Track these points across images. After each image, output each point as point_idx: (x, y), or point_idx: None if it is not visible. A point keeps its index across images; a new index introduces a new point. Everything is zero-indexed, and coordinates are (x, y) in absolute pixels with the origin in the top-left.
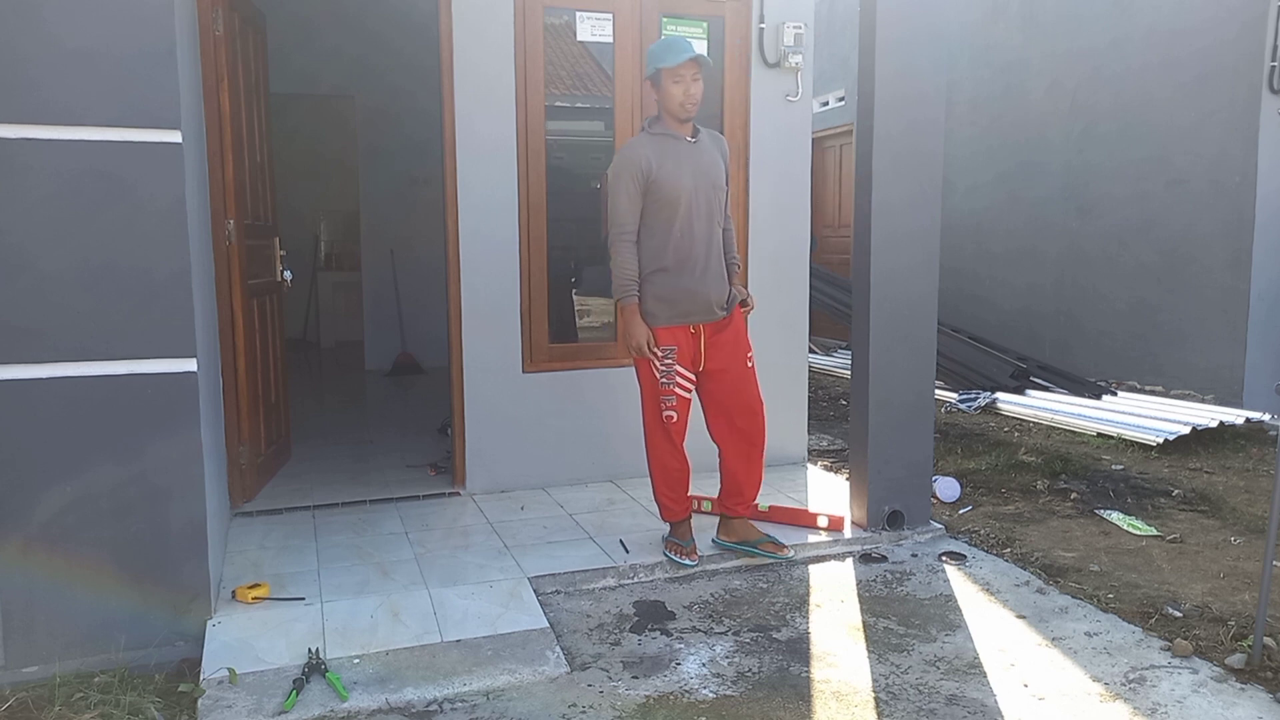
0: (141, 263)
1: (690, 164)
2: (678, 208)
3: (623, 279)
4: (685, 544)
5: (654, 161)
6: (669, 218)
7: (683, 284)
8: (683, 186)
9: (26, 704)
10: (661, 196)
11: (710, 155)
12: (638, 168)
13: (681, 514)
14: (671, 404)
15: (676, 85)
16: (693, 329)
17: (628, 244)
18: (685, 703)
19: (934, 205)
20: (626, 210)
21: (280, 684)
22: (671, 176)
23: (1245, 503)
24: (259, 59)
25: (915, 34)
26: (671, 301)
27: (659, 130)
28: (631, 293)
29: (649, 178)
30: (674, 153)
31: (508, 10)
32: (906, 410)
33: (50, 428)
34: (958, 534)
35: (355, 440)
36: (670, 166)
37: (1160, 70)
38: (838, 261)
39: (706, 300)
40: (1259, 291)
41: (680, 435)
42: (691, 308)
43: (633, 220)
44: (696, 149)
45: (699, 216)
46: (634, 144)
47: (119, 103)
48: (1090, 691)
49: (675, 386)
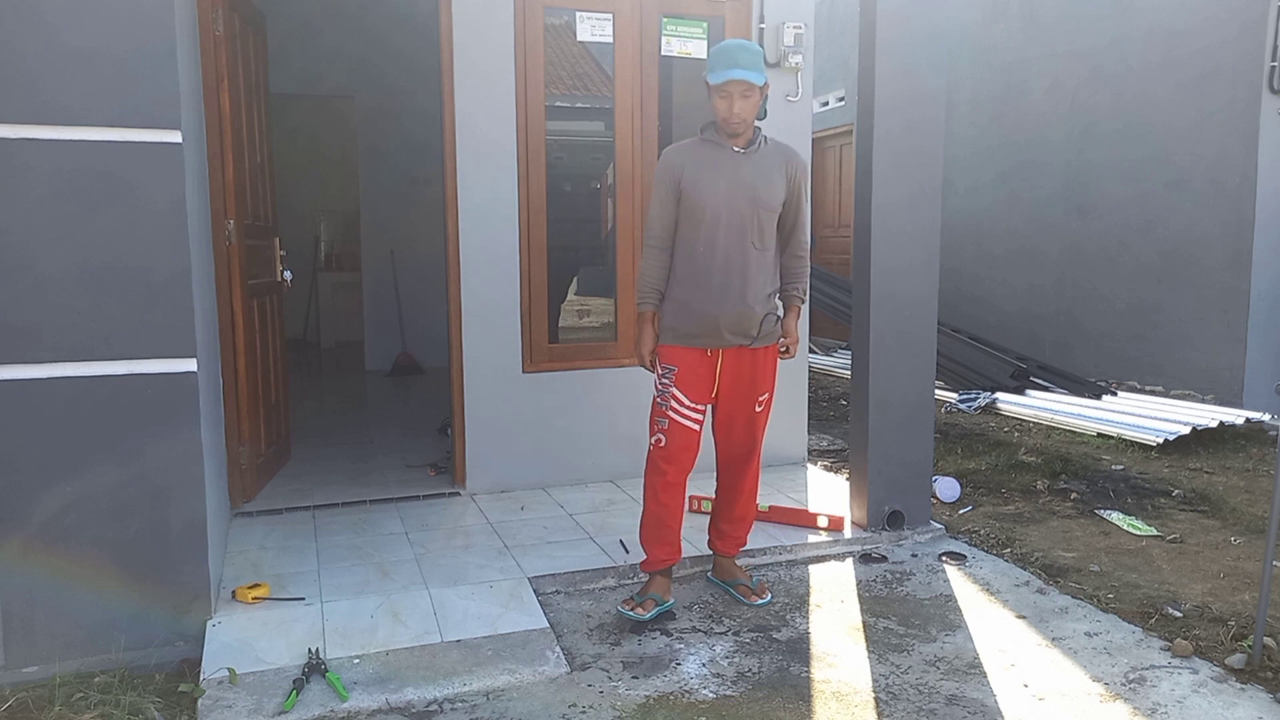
0: (142, 263)
1: (730, 175)
2: (702, 219)
3: (642, 286)
4: (640, 598)
5: (686, 169)
6: (693, 229)
7: (693, 303)
8: (711, 198)
9: (26, 704)
10: (688, 205)
11: (764, 170)
12: (671, 173)
13: (654, 564)
14: (663, 427)
15: (721, 100)
16: (708, 353)
17: (655, 250)
18: (685, 703)
19: (934, 205)
20: (657, 217)
21: (280, 684)
22: (702, 186)
23: (1245, 503)
24: (259, 59)
25: (915, 34)
26: (678, 319)
27: (709, 136)
28: (649, 300)
29: (680, 185)
30: (714, 162)
31: (508, 10)
32: (906, 410)
33: (50, 428)
34: (958, 534)
35: (355, 440)
36: (706, 176)
37: (1160, 70)
38: (838, 261)
39: (715, 324)
40: (1259, 292)
41: (674, 467)
42: (694, 329)
43: (662, 227)
44: (745, 160)
45: (729, 233)
46: (674, 148)
47: (119, 103)
48: (1090, 692)
49: (669, 410)
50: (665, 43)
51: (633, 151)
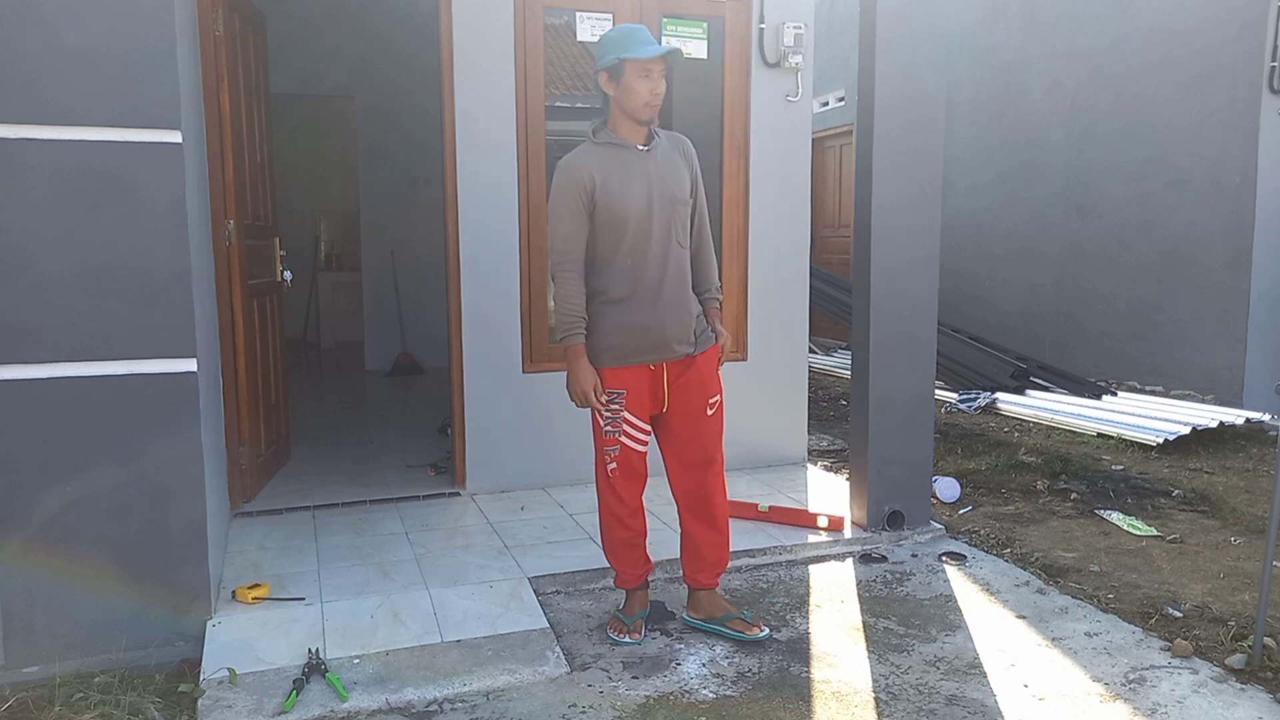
0: (141, 263)
1: (642, 177)
2: (626, 229)
3: (565, 315)
4: (629, 620)
5: (599, 177)
6: (615, 241)
7: (631, 318)
8: (632, 204)
9: (26, 704)
10: (608, 217)
11: (669, 163)
12: (580, 186)
13: (632, 581)
14: (615, 454)
15: (644, 81)
16: (652, 367)
17: (571, 274)
18: (685, 703)
19: (934, 205)
20: (568, 236)
21: (280, 684)
22: (619, 193)
23: (1245, 503)
24: (259, 59)
25: (915, 34)
26: (619, 339)
27: (605, 139)
28: (576, 331)
29: (594, 197)
30: (623, 165)
31: (508, 10)
32: (906, 410)
33: (50, 428)
34: (958, 534)
35: (355, 440)
36: (618, 182)
37: (1160, 70)
38: (838, 261)
39: (661, 336)
40: (1259, 292)
41: (630, 491)
42: (640, 345)
43: (577, 247)
44: (651, 158)
45: (653, 238)
46: (575, 158)
47: (119, 103)
48: (1090, 692)
49: (622, 435)
50: (665, 43)
51: None
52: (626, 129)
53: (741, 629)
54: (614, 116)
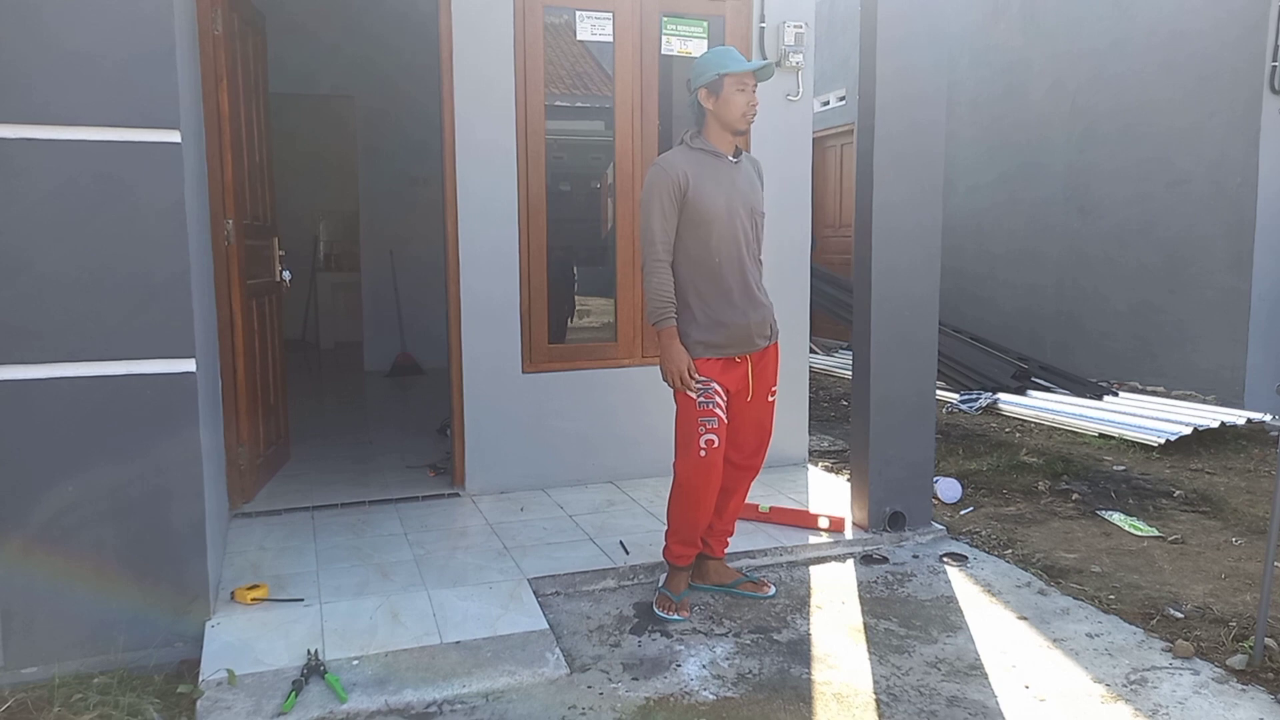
0: (140, 263)
1: (728, 184)
2: (711, 228)
3: (658, 301)
4: (677, 598)
5: (691, 177)
6: (704, 239)
7: (722, 315)
8: (718, 207)
9: (26, 705)
10: (695, 215)
11: (749, 177)
12: (674, 182)
13: (688, 559)
14: (713, 426)
15: (741, 94)
16: (738, 360)
17: (662, 264)
18: (685, 704)
19: (935, 205)
20: (660, 230)
21: (279, 685)
22: (709, 194)
23: (1247, 503)
24: (258, 59)
25: (916, 34)
26: (707, 333)
27: (700, 145)
28: (669, 315)
29: (685, 194)
30: (713, 170)
31: (507, 10)
32: (907, 411)
33: (50, 428)
34: (959, 535)
35: (354, 441)
36: (709, 185)
37: (1161, 71)
38: (838, 261)
39: (747, 332)
40: (1260, 292)
41: (719, 471)
42: (730, 340)
43: (667, 240)
44: (737, 170)
45: (736, 241)
46: (671, 157)
47: (118, 103)
48: (1092, 693)
49: (715, 408)
50: (665, 42)
51: (633, 151)
52: (720, 140)
53: (753, 590)
54: (709, 127)
